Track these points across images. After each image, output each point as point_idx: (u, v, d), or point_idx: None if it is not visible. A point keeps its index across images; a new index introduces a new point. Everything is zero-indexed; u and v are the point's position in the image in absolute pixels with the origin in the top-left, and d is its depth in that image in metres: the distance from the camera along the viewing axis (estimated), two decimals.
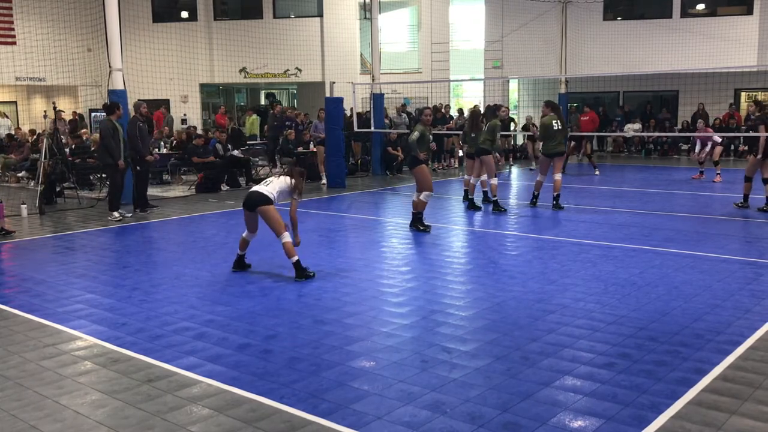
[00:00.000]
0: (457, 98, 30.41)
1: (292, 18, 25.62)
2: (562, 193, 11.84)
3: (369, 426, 3.88)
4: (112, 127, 11.13)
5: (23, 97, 24.61)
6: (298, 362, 4.85)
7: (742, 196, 11.50)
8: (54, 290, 6.92)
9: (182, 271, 7.66)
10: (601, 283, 6.82)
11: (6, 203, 11.63)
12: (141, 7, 24.51)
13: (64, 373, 4.76)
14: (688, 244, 8.65)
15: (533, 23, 24.71)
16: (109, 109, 11.46)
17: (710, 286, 6.67)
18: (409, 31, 28.85)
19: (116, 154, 11.13)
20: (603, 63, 22.99)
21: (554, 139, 11.60)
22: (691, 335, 5.28)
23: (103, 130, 11.28)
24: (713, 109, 22.26)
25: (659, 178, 16.44)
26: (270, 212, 7.06)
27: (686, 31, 22.37)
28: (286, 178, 7.30)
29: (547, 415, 3.98)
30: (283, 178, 7.32)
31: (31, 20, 20.71)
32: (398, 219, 11.04)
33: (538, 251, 8.43)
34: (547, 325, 5.58)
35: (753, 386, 4.35)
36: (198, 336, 5.44)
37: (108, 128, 11.14)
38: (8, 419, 4.07)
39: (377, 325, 5.66)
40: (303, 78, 25.64)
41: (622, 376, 4.53)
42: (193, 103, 25.79)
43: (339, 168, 15.34)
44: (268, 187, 7.20)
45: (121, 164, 11.21)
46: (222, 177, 15.26)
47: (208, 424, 3.96)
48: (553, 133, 11.57)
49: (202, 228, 10.42)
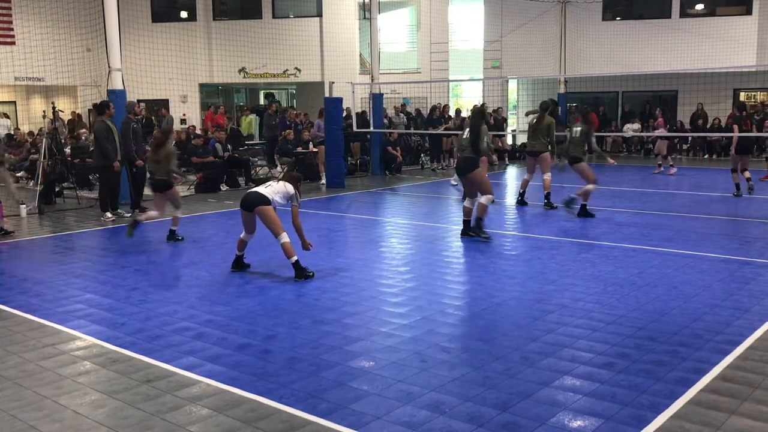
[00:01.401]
0: (456, 98, 30.40)
1: (292, 18, 25.61)
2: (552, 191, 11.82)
3: (368, 426, 3.88)
4: (105, 128, 11.04)
5: (22, 97, 24.60)
6: (298, 362, 4.85)
7: (735, 186, 12.95)
8: (53, 290, 6.92)
9: (182, 271, 7.66)
10: (600, 283, 6.82)
11: (6, 203, 11.62)
12: (140, 7, 24.49)
13: (64, 373, 4.76)
14: (687, 244, 8.66)
15: (532, 23, 24.71)
16: (99, 108, 11.38)
17: (709, 286, 6.68)
18: (409, 31, 28.84)
19: (111, 155, 11.04)
20: (602, 63, 22.99)
21: (534, 138, 11.83)
22: (691, 335, 5.29)
23: (96, 131, 11.23)
24: (712, 109, 22.26)
25: (659, 178, 16.45)
26: (268, 212, 7.05)
27: (685, 31, 22.37)
28: (286, 184, 7.29)
29: (546, 415, 3.98)
30: (283, 183, 7.31)
31: (30, 20, 20.68)
32: (398, 219, 11.04)
33: (537, 251, 8.43)
34: (547, 325, 5.58)
35: (752, 386, 4.36)
36: (197, 336, 5.44)
37: (101, 129, 11.05)
38: (7, 419, 4.06)
39: (376, 325, 5.66)
40: (302, 78, 25.63)
41: (622, 376, 4.53)
42: (192, 103, 25.78)
43: (338, 168, 15.34)
44: (268, 189, 7.19)
45: (117, 166, 11.12)
46: (221, 177, 15.25)
47: (207, 424, 3.96)
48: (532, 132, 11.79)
49: (201, 228, 10.41)
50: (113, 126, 11.21)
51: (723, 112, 21.70)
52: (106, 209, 11.28)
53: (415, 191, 14.79)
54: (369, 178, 17.13)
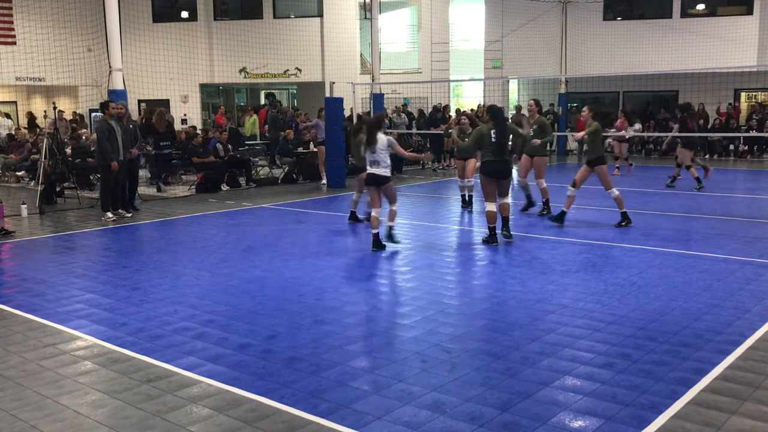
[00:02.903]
0: (456, 98, 30.40)
1: (292, 18, 25.64)
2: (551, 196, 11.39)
3: (369, 426, 3.88)
4: (107, 128, 11.03)
5: (23, 97, 24.62)
6: (298, 362, 4.85)
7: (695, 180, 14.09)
8: (54, 290, 6.93)
9: (182, 271, 7.66)
10: (601, 283, 6.82)
11: (6, 203, 11.63)
12: (141, 7, 24.52)
13: (64, 373, 4.76)
14: (688, 244, 8.65)
15: (533, 23, 24.71)
16: (103, 105, 11.40)
17: (710, 286, 6.67)
18: (409, 31, 28.84)
19: (109, 155, 10.99)
20: (603, 63, 22.99)
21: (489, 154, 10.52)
22: (691, 335, 5.29)
23: (97, 131, 11.23)
24: (713, 109, 22.27)
25: (659, 178, 16.43)
26: (391, 188, 8.63)
27: (686, 31, 22.37)
28: (380, 137, 8.39)
29: (546, 415, 3.98)
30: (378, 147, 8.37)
31: (31, 20, 20.70)
32: (398, 219, 11.02)
33: (537, 251, 8.42)
34: (547, 325, 5.58)
35: (753, 386, 4.35)
36: (198, 336, 5.44)
37: (102, 129, 11.04)
38: (8, 419, 4.07)
39: (377, 325, 5.66)
40: (303, 78, 25.65)
41: (622, 376, 4.53)
42: (193, 103, 25.80)
43: (339, 168, 15.34)
44: (381, 168, 8.40)
45: (115, 166, 11.04)
46: (222, 177, 15.26)
47: (208, 424, 3.96)
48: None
49: (202, 228, 10.42)
50: (116, 126, 11.19)
51: (721, 112, 21.74)
52: (107, 209, 11.27)
53: (416, 191, 14.79)
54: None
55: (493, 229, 8.84)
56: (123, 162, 11.30)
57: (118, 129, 11.19)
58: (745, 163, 20.33)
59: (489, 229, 8.87)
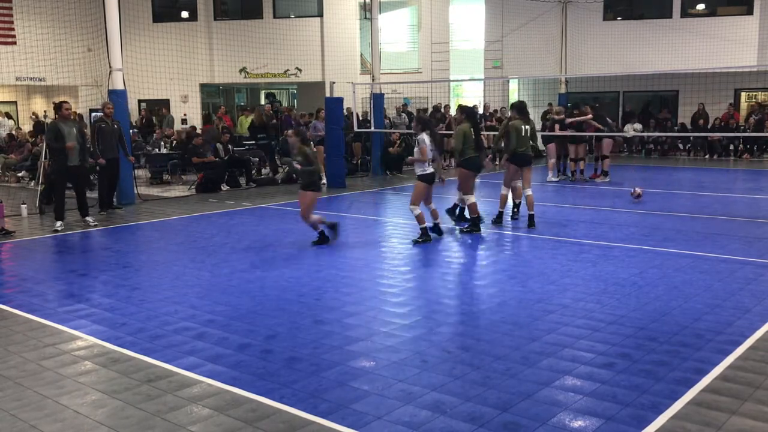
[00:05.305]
0: (456, 98, 30.39)
1: (292, 18, 25.63)
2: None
3: (369, 426, 3.88)
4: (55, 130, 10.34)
5: (23, 97, 24.62)
6: (298, 362, 4.85)
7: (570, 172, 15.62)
8: (54, 290, 6.93)
9: (182, 271, 7.66)
10: (601, 283, 6.82)
11: (6, 203, 11.63)
12: (141, 7, 24.52)
13: (65, 373, 4.76)
14: (688, 244, 8.66)
15: (533, 23, 24.70)
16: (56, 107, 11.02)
17: (710, 286, 6.68)
18: (409, 31, 28.83)
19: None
20: (603, 63, 22.97)
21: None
22: (691, 335, 5.29)
23: (46, 133, 11.12)
24: (713, 109, 22.26)
25: (659, 178, 16.44)
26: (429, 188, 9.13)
27: (686, 31, 22.36)
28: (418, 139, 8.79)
29: (547, 415, 3.98)
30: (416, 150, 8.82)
31: (31, 20, 20.70)
32: (398, 219, 11.04)
33: (538, 251, 8.43)
34: (547, 325, 5.58)
35: (753, 386, 4.36)
36: (198, 336, 5.45)
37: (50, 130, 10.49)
38: (8, 419, 4.07)
39: (377, 325, 5.66)
40: (303, 78, 25.64)
41: (622, 376, 4.53)
42: (193, 103, 25.79)
43: (339, 168, 15.34)
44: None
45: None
46: (222, 177, 15.26)
47: (208, 424, 3.96)
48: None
49: (202, 228, 10.42)
50: (115, 125, 11.21)
51: (718, 112, 21.73)
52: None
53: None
54: (369, 178, 17.13)
55: (475, 219, 9.55)
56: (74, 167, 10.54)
57: (71, 132, 10.31)
58: (744, 162, 20.31)
59: (472, 219, 9.62)
